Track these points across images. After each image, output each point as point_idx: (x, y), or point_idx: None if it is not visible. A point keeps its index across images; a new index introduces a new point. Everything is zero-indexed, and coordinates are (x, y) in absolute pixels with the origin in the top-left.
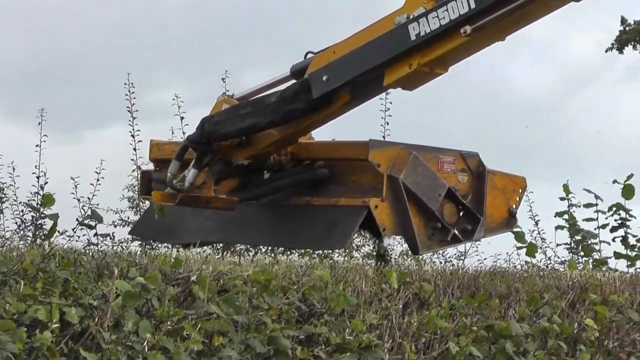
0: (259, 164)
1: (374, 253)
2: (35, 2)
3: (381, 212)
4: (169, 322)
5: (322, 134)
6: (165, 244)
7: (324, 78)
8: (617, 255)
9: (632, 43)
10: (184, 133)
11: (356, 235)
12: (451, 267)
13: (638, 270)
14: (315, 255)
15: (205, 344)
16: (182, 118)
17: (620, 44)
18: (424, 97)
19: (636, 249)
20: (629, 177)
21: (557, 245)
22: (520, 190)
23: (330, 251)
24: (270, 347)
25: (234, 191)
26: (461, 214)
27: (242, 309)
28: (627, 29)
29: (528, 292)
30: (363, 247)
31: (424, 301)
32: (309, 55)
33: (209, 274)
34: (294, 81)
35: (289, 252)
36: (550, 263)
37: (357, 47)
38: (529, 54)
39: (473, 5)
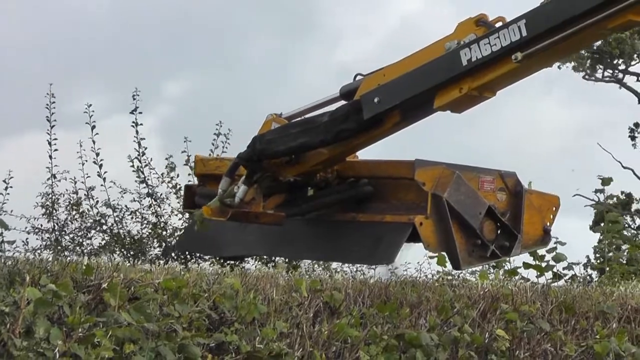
0: (305, 181)
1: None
2: None
3: (426, 229)
4: (80, 329)
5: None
6: (210, 257)
7: (376, 100)
8: (526, 266)
9: None
10: (93, 142)
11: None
12: (362, 276)
13: (549, 280)
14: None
15: (116, 352)
16: (93, 127)
17: None
18: None
19: (545, 260)
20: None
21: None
22: (554, 209)
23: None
24: (181, 355)
25: (280, 207)
26: (499, 231)
27: (152, 316)
28: None
29: (439, 301)
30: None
31: (334, 310)
32: (358, 77)
33: (120, 281)
34: (342, 102)
35: (200, 260)
36: (461, 272)
37: (408, 70)
38: None
39: (525, 33)
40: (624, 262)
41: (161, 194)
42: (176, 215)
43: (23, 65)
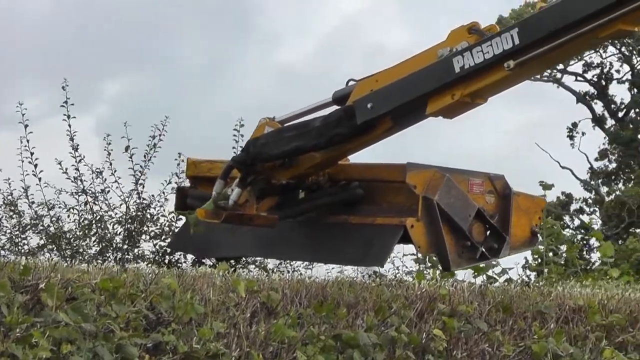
0: (297, 183)
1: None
2: None
3: (416, 231)
4: (17, 330)
5: None
6: (203, 258)
7: (369, 105)
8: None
9: None
10: (28, 141)
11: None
12: (299, 276)
13: (485, 280)
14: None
15: (54, 352)
16: (26, 126)
17: None
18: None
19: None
20: None
21: (404, 255)
22: (541, 211)
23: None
24: (118, 355)
25: (273, 209)
26: (488, 233)
27: (90, 316)
28: None
29: (376, 301)
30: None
31: (271, 310)
32: (351, 83)
33: (58, 281)
34: (334, 107)
35: (137, 261)
36: (398, 273)
37: (401, 77)
38: (386, 65)
39: (517, 42)
40: (562, 263)
41: (96, 191)
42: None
43: None
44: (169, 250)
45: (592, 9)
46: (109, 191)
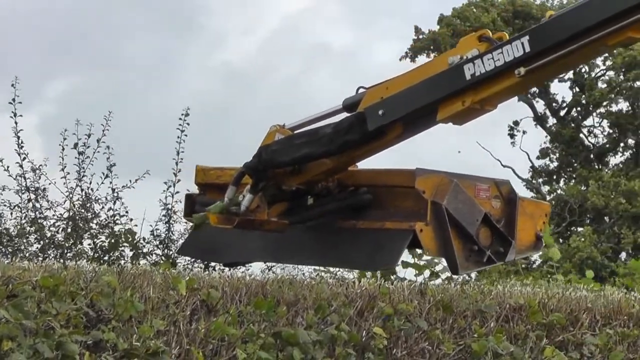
0: (307, 189)
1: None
2: None
3: (425, 236)
4: None
5: None
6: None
7: (380, 112)
8: (405, 265)
9: (426, 52)
10: None
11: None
12: (239, 274)
13: (426, 279)
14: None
15: None
16: None
17: (414, 52)
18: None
19: (423, 259)
20: None
21: None
22: (545, 216)
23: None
24: (59, 352)
25: (283, 214)
26: (494, 237)
27: (30, 314)
28: (421, 37)
29: (316, 299)
30: (150, 255)
31: (211, 308)
32: (360, 90)
33: None
34: (345, 114)
35: (77, 259)
36: (339, 271)
37: (411, 84)
38: (331, 64)
39: (528, 49)
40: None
41: (39, 187)
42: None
43: None
44: (109, 249)
45: (601, 17)
46: (44, 189)
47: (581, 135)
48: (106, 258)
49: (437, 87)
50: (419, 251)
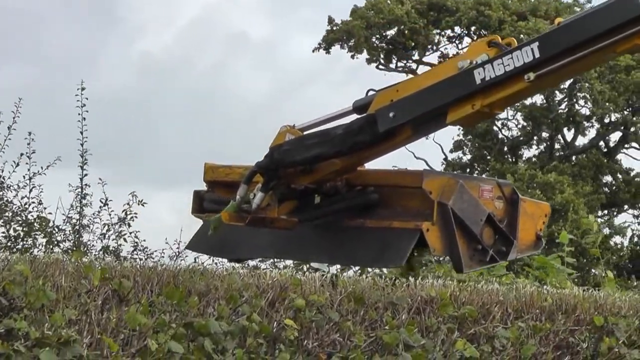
0: (316, 188)
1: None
2: None
3: (432, 235)
4: None
5: None
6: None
7: (391, 114)
8: None
9: (339, 43)
10: None
11: None
12: (151, 263)
13: (338, 270)
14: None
15: None
16: None
17: (327, 43)
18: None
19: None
20: None
21: None
22: (545, 216)
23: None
24: None
25: (292, 212)
26: (497, 236)
27: None
28: (334, 28)
29: (227, 290)
30: (63, 243)
31: (123, 297)
32: (370, 93)
33: None
34: (354, 115)
35: None
36: (252, 261)
37: (422, 87)
38: (250, 55)
39: (538, 55)
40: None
41: None
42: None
43: None
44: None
45: (609, 25)
46: None
47: (495, 128)
48: (20, 247)
49: (447, 91)
50: None
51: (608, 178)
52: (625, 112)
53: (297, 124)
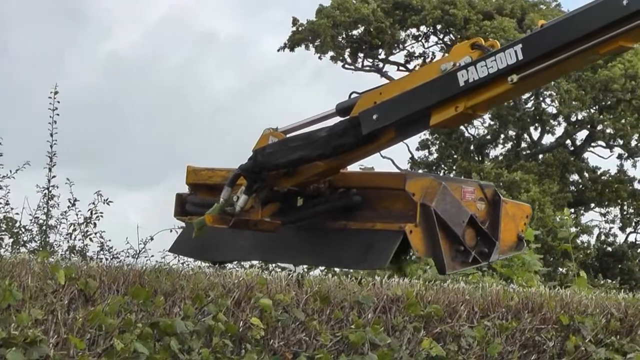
0: (299, 191)
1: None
2: None
3: (415, 237)
4: None
5: None
6: (203, 262)
7: (374, 117)
8: None
9: (305, 43)
10: None
11: None
12: (117, 263)
13: (304, 270)
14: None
15: None
16: None
17: (293, 43)
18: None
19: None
20: None
21: None
22: (526, 217)
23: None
24: None
25: (275, 215)
26: (479, 238)
27: None
28: (300, 29)
29: (193, 289)
30: (30, 243)
31: (89, 297)
32: (354, 95)
33: None
34: (338, 118)
35: None
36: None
37: (404, 90)
38: (218, 54)
39: (521, 57)
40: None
41: None
42: None
43: None
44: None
45: (593, 27)
46: None
47: (461, 127)
48: None
49: (430, 93)
50: None
51: (575, 177)
52: (592, 111)
53: (279, 126)
